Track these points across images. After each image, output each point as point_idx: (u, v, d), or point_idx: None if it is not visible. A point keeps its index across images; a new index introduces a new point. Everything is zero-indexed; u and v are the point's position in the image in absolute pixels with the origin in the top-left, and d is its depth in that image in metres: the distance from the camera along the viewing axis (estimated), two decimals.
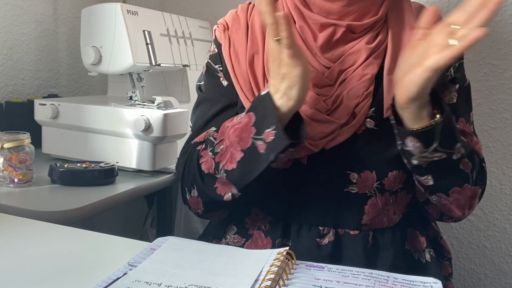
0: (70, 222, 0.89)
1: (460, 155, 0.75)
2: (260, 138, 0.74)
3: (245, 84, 0.85)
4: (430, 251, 0.88)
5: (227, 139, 0.79)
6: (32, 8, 1.49)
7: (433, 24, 0.71)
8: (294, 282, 0.60)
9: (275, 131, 0.72)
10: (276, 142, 0.72)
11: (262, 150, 0.74)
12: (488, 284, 1.41)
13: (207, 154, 0.82)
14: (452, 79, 0.86)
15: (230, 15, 0.91)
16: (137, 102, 1.25)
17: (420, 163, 0.76)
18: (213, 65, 0.91)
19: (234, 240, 0.89)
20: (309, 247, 0.83)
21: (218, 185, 0.81)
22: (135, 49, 1.20)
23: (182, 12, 1.67)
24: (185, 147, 0.90)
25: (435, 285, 0.61)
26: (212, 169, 0.81)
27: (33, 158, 1.05)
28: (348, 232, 0.83)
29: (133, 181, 1.13)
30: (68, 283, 0.60)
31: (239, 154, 0.76)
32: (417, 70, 0.68)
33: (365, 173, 0.81)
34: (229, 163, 0.77)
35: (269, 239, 0.86)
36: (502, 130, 1.35)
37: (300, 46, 0.72)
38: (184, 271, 0.62)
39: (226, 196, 0.80)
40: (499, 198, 1.37)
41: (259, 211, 0.88)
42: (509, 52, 1.32)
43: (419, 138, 0.73)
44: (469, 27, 0.65)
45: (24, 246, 0.71)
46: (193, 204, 0.87)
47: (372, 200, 0.82)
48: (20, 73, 1.47)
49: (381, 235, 0.85)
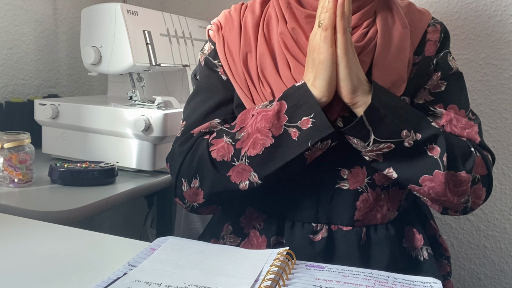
0: (70, 222, 0.89)
1: (412, 142, 0.75)
2: (295, 125, 0.76)
3: (241, 82, 0.86)
4: (428, 249, 0.88)
5: (250, 126, 0.79)
6: (32, 8, 1.49)
7: None
8: (294, 282, 0.60)
9: (313, 119, 0.75)
10: (314, 129, 0.74)
11: (295, 137, 0.76)
12: (488, 284, 1.41)
13: (222, 142, 0.81)
14: (434, 67, 0.86)
15: (223, 15, 0.92)
16: (137, 102, 1.25)
17: (372, 157, 0.77)
18: (212, 60, 0.91)
19: (230, 240, 0.90)
20: (303, 244, 0.84)
21: (231, 174, 0.80)
22: (135, 49, 1.20)
23: (182, 12, 1.67)
24: (183, 138, 0.88)
25: (435, 285, 0.62)
26: (228, 156, 0.80)
27: (33, 158, 1.05)
28: (341, 228, 0.84)
29: (133, 181, 1.13)
30: (68, 283, 0.60)
31: (269, 140, 0.77)
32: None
33: (356, 168, 0.82)
34: (251, 149, 0.78)
35: (264, 237, 0.86)
36: (502, 130, 1.35)
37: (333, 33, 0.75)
38: (184, 271, 0.62)
39: (242, 185, 0.80)
40: (499, 198, 1.37)
41: (253, 210, 0.89)
42: (509, 52, 1.32)
43: (352, 135, 0.76)
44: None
45: (24, 246, 0.71)
46: (190, 196, 0.85)
47: (363, 196, 0.83)
48: (20, 73, 1.47)
49: (375, 231, 0.85)
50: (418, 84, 0.85)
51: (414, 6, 0.90)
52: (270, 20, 0.88)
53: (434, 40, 0.87)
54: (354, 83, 0.75)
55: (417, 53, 0.85)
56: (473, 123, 0.85)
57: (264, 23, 0.88)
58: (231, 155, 0.80)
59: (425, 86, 0.86)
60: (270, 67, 0.84)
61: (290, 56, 0.83)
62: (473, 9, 1.34)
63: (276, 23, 0.87)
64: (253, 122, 0.79)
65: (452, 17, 1.35)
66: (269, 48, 0.85)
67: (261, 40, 0.86)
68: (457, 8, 1.35)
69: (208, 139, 0.84)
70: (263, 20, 0.88)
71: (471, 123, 0.85)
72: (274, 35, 0.86)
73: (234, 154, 0.80)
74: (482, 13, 1.33)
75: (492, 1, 1.32)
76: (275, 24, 0.87)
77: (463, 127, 0.84)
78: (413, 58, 0.85)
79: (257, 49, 0.86)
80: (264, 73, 0.85)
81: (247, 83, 0.86)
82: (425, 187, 0.77)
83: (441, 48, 0.87)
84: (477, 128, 0.85)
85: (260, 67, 0.85)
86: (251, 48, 0.86)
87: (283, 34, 0.84)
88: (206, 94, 0.90)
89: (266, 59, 0.85)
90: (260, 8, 0.90)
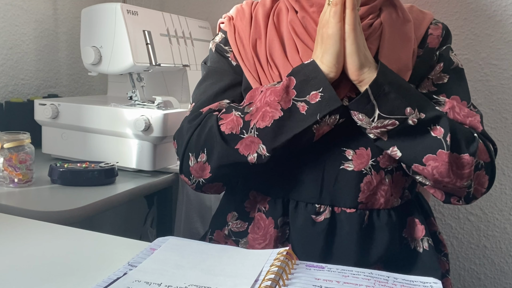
0: (70, 222, 0.89)
1: (416, 120, 0.76)
2: (303, 99, 0.78)
3: (251, 66, 0.89)
4: (429, 240, 0.88)
5: (259, 101, 0.81)
6: (32, 8, 1.49)
7: None
8: (294, 282, 0.60)
9: (322, 93, 0.76)
10: (323, 103, 0.76)
11: (303, 111, 0.77)
12: (488, 284, 1.41)
13: (231, 116, 0.82)
14: (437, 58, 0.89)
15: (235, 8, 0.96)
16: (137, 102, 1.25)
17: (376, 135, 0.78)
18: (223, 46, 0.94)
19: (237, 226, 0.90)
20: (305, 224, 0.84)
21: (239, 146, 0.81)
22: (135, 49, 1.20)
23: (182, 12, 1.67)
24: (192, 115, 0.89)
25: (435, 285, 0.62)
26: (237, 129, 0.81)
27: (33, 158, 1.05)
28: (344, 210, 0.85)
29: (133, 181, 1.13)
30: (68, 283, 0.60)
31: (278, 112, 0.78)
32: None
33: (360, 149, 0.83)
34: (260, 121, 0.79)
35: (270, 219, 0.87)
36: (502, 130, 1.35)
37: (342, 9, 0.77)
38: (184, 271, 0.62)
39: (250, 157, 0.80)
40: (499, 198, 1.37)
41: (256, 193, 0.90)
42: (509, 52, 1.32)
43: (358, 110, 0.77)
44: None
45: (24, 246, 0.71)
46: (196, 171, 0.85)
47: (367, 178, 0.84)
48: (20, 73, 1.47)
49: (377, 215, 0.86)
50: (422, 74, 0.88)
51: (417, 8, 0.94)
52: (281, 12, 0.91)
53: (436, 35, 0.90)
54: (361, 59, 0.77)
55: (421, 46, 0.88)
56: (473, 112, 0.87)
57: (274, 14, 0.91)
58: (240, 128, 0.81)
59: (429, 76, 0.88)
60: (279, 51, 0.86)
61: (299, 40, 0.86)
62: (473, 9, 1.34)
63: (286, 13, 0.90)
64: (262, 97, 0.81)
65: (452, 17, 1.35)
66: (278, 35, 0.88)
67: (271, 28, 0.89)
68: (457, 8, 1.35)
69: (217, 114, 0.85)
70: (274, 12, 0.92)
71: (473, 112, 0.86)
72: (283, 23, 0.89)
73: (243, 127, 0.81)
74: (482, 13, 1.33)
75: (492, 1, 1.32)
76: (285, 14, 0.90)
77: (465, 115, 0.85)
78: (417, 51, 0.87)
79: (266, 35, 0.89)
80: (272, 57, 0.87)
81: (255, 67, 0.88)
82: (429, 167, 0.78)
83: (443, 42, 0.90)
84: (479, 117, 0.86)
85: (269, 51, 0.88)
86: (260, 35, 0.90)
87: (293, 21, 0.87)
88: (216, 77, 0.93)
89: (275, 44, 0.88)
90: (271, 3, 0.93)
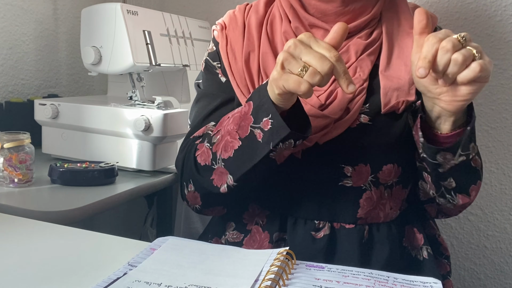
0: (70, 222, 0.89)
1: (474, 153, 0.76)
2: (258, 126, 0.74)
3: (241, 81, 0.87)
4: (428, 248, 0.88)
5: (223, 128, 0.80)
6: (32, 8, 1.49)
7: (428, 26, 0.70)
8: (294, 282, 0.60)
9: (271, 120, 0.72)
10: (273, 131, 0.72)
11: (260, 139, 0.74)
12: (488, 284, 1.41)
13: (204, 146, 0.83)
14: None
15: (228, 15, 0.94)
16: (137, 102, 1.25)
17: (445, 170, 0.77)
18: (212, 62, 0.93)
19: (233, 237, 0.90)
20: (305, 241, 0.84)
21: (214, 177, 0.81)
22: (135, 49, 1.20)
23: (182, 12, 1.67)
24: (184, 143, 0.91)
25: (435, 285, 0.62)
26: (209, 160, 0.81)
27: (33, 158, 1.05)
28: (344, 226, 0.84)
29: (133, 181, 1.13)
30: (68, 283, 0.60)
31: (237, 142, 0.77)
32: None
33: (360, 166, 0.82)
34: (224, 151, 0.78)
35: (266, 233, 0.86)
36: (502, 130, 1.35)
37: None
38: (184, 271, 0.62)
39: (222, 188, 0.80)
40: (499, 198, 1.37)
41: (256, 206, 0.89)
42: (509, 52, 1.32)
43: (450, 151, 0.74)
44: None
45: (24, 246, 0.71)
46: (191, 199, 0.87)
47: (367, 194, 0.83)
48: (20, 73, 1.47)
49: (377, 229, 0.85)
50: None
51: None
52: (274, 20, 0.89)
53: None
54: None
55: None
56: None
57: (268, 22, 0.89)
58: (210, 159, 0.81)
59: None
60: (272, 65, 0.84)
61: None
62: (473, 9, 1.34)
63: (280, 22, 0.88)
64: (226, 124, 0.80)
65: (452, 17, 1.35)
66: (272, 47, 0.86)
67: (264, 39, 0.87)
68: (457, 8, 1.35)
69: (197, 144, 0.85)
70: (267, 19, 0.89)
71: None
72: (277, 34, 0.87)
73: (212, 158, 0.81)
74: (482, 13, 1.33)
75: (492, 1, 1.32)
76: (279, 23, 0.88)
77: None
78: None
79: (260, 48, 0.87)
80: (266, 71, 0.85)
81: (246, 83, 0.86)
82: (472, 197, 0.81)
83: None
84: None
85: (262, 65, 0.86)
86: (254, 47, 0.87)
87: (287, 33, 0.86)
88: (207, 99, 0.92)
89: (268, 58, 0.86)
90: (265, 8, 0.91)
